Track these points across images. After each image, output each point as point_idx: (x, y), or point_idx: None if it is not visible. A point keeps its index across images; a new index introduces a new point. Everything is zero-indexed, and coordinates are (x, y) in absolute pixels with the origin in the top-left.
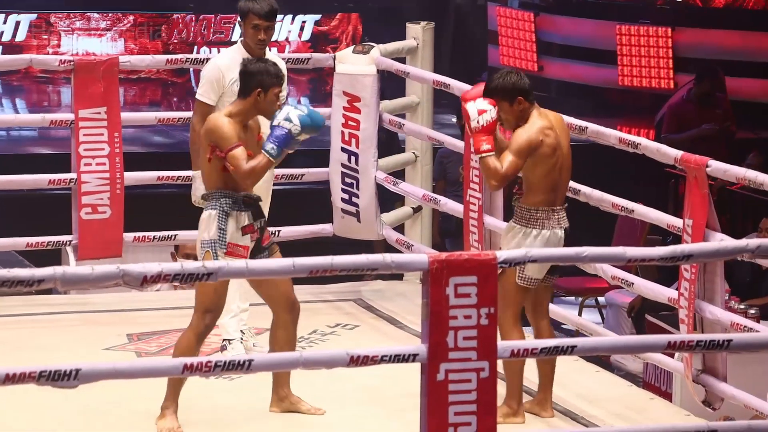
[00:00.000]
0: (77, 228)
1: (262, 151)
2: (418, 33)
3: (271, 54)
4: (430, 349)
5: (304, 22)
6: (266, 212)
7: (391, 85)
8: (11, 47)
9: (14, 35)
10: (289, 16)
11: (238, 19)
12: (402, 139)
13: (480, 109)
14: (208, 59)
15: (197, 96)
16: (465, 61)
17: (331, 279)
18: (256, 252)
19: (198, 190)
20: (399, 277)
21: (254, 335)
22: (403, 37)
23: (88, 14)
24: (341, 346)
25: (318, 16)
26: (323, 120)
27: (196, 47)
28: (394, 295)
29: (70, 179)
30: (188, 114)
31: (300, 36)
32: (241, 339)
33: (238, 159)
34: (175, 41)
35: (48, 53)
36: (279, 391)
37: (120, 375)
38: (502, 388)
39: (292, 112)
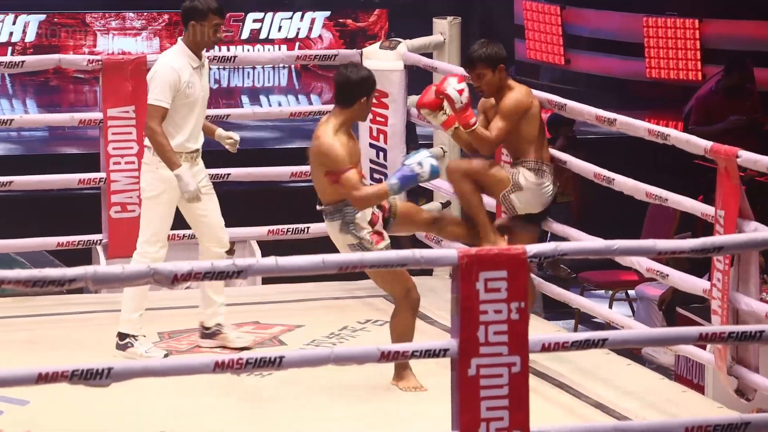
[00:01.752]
0: (107, 227)
1: (385, 183)
2: (444, 28)
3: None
4: (461, 344)
5: (313, 19)
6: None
7: (418, 80)
8: (49, 48)
9: (23, 35)
10: (299, 14)
11: (191, 20)
12: (426, 133)
13: (458, 89)
14: (235, 57)
15: (153, 101)
16: None
17: (362, 275)
18: (386, 224)
19: (189, 185)
20: (429, 272)
21: (234, 328)
22: (430, 32)
23: (123, 14)
24: (372, 341)
25: (327, 13)
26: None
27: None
28: (423, 291)
29: (100, 178)
30: (217, 111)
31: (309, 33)
32: (220, 332)
33: (351, 183)
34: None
35: (84, 53)
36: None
37: (151, 373)
38: (533, 381)
39: (425, 159)
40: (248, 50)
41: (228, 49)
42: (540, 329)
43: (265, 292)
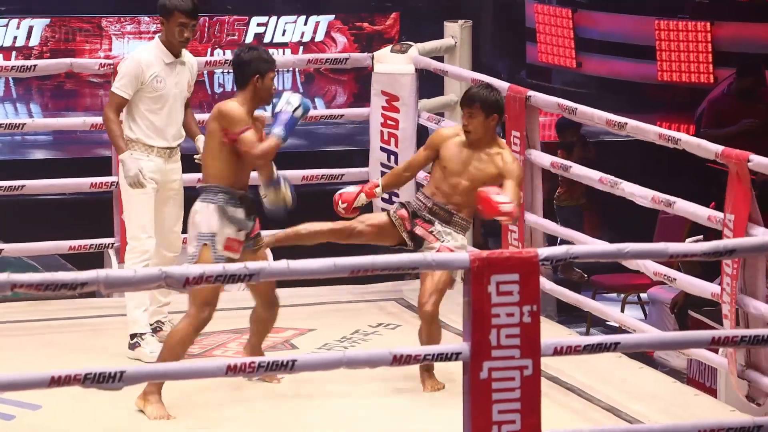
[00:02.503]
0: (119, 231)
1: (271, 134)
2: (456, 31)
3: (186, 53)
4: (473, 348)
5: (317, 22)
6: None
7: (429, 83)
8: (65, 52)
9: (28, 39)
10: (303, 17)
11: (161, 17)
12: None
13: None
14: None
15: (114, 89)
16: (503, 59)
17: (373, 279)
18: (245, 243)
19: (129, 170)
20: None
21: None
22: (440, 37)
23: (138, 18)
24: (384, 345)
25: (332, 17)
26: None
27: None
28: None
29: (112, 182)
30: None
31: (313, 37)
32: (161, 328)
33: (251, 142)
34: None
35: (99, 57)
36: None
37: (164, 376)
38: (545, 385)
39: (292, 97)
40: None
41: (231, 53)
42: (552, 333)
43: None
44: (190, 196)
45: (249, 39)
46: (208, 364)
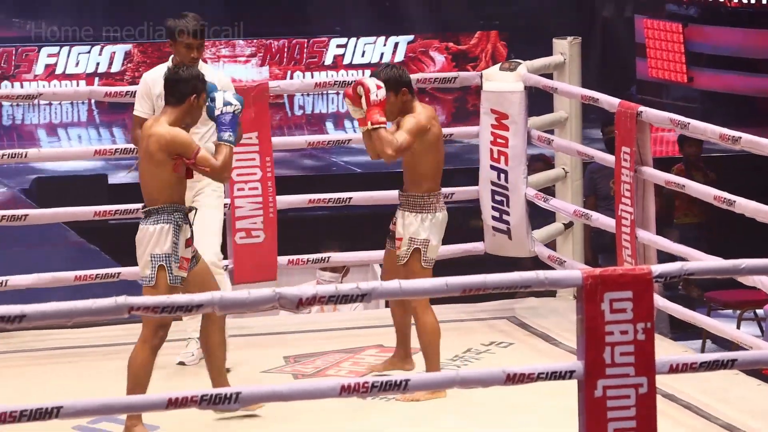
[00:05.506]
0: (232, 253)
1: (221, 142)
2: (565, 48)
3: (207, 66)
4: (587, 366)
5: (396, 43)
6: None
7: (538, 101)
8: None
9: (110, 65)
10: (382, 39)
11: (169, 39)
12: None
13: (378, 84)
14: (345, 82)
15: (134, 111)
16: (613, 75)
17: (484, 297)
18: (190, 261)
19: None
20: (552, 293)
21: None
22: (549, 54)
23: (233, 41)
24: (496, 364)
25: (411, 37)
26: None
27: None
28: (547, 312)
29: (225, 204)
30: (338, 136)
31: (393, 57)
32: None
33: (208, 159)
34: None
35: None
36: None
37: (279, 397)
38: (660, 403)
39: (227, 96)
40: (332, 76)
41: (312, 76)
42: (666, 350)
43: (388, 315)
44: None
45: (329, 61)
46: (322, 384)
